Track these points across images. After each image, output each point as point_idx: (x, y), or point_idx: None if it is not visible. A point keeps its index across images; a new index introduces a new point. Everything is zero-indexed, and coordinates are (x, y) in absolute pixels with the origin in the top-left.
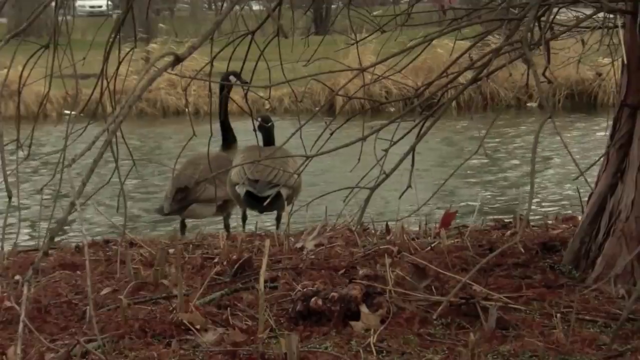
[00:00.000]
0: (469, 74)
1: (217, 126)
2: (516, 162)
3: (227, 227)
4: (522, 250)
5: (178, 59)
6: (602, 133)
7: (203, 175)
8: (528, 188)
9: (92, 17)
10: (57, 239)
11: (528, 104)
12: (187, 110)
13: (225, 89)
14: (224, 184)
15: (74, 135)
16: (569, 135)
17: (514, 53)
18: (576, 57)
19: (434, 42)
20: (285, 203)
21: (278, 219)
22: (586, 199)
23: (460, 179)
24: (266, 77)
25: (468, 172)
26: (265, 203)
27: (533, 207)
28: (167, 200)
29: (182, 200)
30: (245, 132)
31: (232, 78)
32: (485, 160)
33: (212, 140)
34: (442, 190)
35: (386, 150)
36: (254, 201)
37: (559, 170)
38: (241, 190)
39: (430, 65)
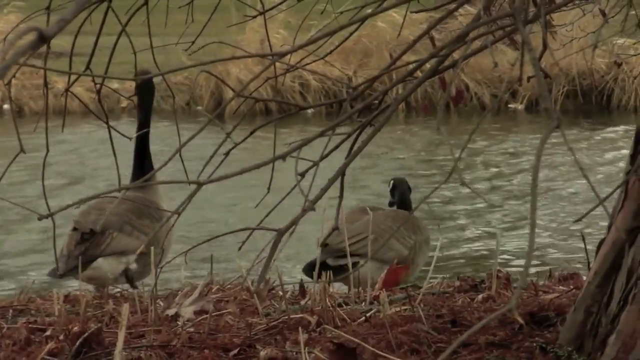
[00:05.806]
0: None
1: (84, 135)
2: (491, 187)
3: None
4: (500, 323)
5: (43, 38)
6: (618, 151)
7: (109, 221)
8: (507, 231)
9: None
10: None
11: (510, 105)
12: (10, 107)
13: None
14: (138, 230)
15: None
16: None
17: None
18: (584, 38)
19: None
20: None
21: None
22: (594, 248)
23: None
24: (129, 62)
25: (429, 203)
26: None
27: (513, 259)
28: (63, 257)
29: (83, 253)
30: None
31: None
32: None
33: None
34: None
35: (302, 175)
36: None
37: (558, 205)
38: None
39: (366, 46)
